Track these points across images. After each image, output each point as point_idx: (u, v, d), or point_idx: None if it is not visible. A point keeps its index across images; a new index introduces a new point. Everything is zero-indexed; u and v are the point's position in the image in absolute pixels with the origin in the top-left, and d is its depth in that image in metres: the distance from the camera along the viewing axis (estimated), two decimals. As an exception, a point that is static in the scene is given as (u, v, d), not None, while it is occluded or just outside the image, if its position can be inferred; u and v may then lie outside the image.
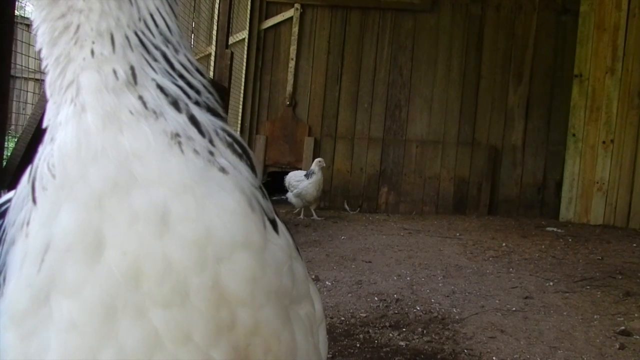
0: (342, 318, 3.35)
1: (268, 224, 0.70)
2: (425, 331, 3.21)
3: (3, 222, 0.71)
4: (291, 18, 8.10)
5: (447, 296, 3.89)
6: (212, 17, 6.84)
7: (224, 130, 0.71)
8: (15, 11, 2.47)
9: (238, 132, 8.52)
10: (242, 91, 8.15)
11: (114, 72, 0.64)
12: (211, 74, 6.60)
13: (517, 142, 7.96)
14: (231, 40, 7.19)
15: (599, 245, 5.85)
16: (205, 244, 0.61)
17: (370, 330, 3.20)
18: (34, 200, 0.63)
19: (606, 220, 7.36)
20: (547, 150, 7.89)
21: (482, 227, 6.76)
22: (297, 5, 8.06)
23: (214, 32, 6.66)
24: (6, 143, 2.65)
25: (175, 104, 0.66)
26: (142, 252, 0.59)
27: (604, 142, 7.44)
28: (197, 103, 0.69)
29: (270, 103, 8.26)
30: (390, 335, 3.14)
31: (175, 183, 0.61)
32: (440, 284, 4.18)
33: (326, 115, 8.15)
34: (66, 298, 0.59)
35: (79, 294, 0.59)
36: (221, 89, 6.24)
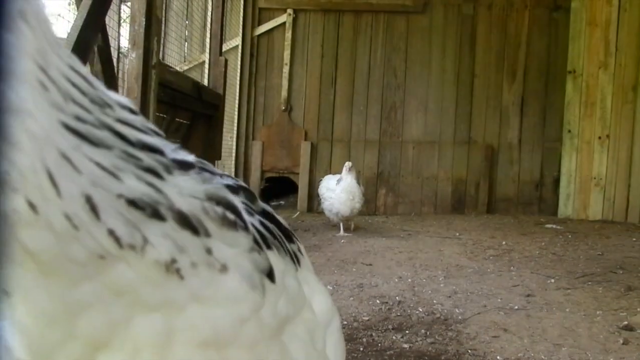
0: (345, 322, 3.34)
1: (266, 281, 0.66)
2: (428, 332, 3.20)
3: None
4: (284, 23, 8.11)
5: (449, 297, 3.88)
6: (205, 25, 6.84)
7: (209, 197, 0.58)
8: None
9: (234, 140, 8.52)
10: (237, 98, 8.15)
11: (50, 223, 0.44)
12: (205, 81, 6.60)
13: (513, 140, 7.97)
14: (225, 48, 7.20)
15: (599, 240, 5.85)
16: (211, 343, 0.58)
17: (374, 334, 3.18)
18: None
19: (605, 216, 7.37)
20: (544, 147, 7.90)
21: (481, 226, 6.75)
22: (289, 11, 8.07)
23: (207, 40, 6.66)
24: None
25: (155, 213, 0.51)
26: None
27: (599, 138, 7.45)
28: (167, 170, 0.54)
29: (266, 108, 8.26)
30: (394, 337, 3.13)
31: (179, 309, 0.56)
32: (441, 285, 4.17)
33: (322, 119, 8.15)
34: None
35: None
36: (216, 96, 6.24)
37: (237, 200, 0.64)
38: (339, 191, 5.92)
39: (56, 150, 0.44)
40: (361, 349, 3.00)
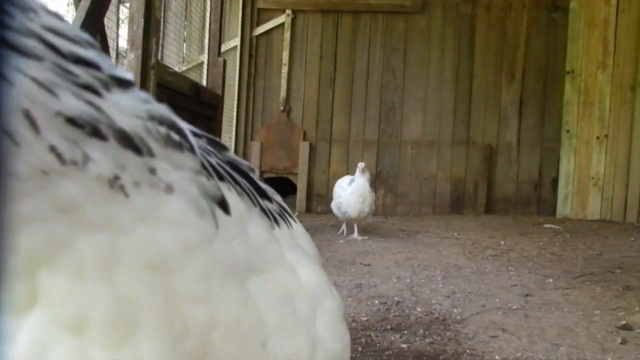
0: (343, 322, 3.35)
1: (218, 211, 0.62)
2: (426, 333, 3.21)
3: None
4: (283, 24, 8.12)
5: (448, 297, 3.89)
6: (204, 25, 6.85)
7: (151, 116, 0.56)
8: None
9: (233, 140, 8.54)
10: (235, 98, 8.16)
11: None
12: (204, 82, 6.60)
13: (511, 140, 7.98)
14: (223, 48, 7.20)
15: (597, 240, 5.86)
16: (157, 266, 0.56)
17: (372, 334, 3.19)
18: None
19: (603, 215, 7.38)
20: (542, 147, 7.91)
21: (480, 226, 6.76)
22: (288, 11, 8.07)
23: (206, 41, 6.66)
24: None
25: (95, 131, 0.50)
26: (88, 300, 0.53)
27: (598, 138, 7.46)
28: (106, 87, 0.52)
29: (265, 109, 8.26)
30: (392, 338, 3.14)
31: (124, 229, 0.54)
32: (440, 285, 4.18)
33: (321, 120, 8.16)
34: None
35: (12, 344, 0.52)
36: (215, 97, 6.24)
37: (185, 125, 0.61)
38: (349, 192, 5.78)
39: None
40: (360, 349, 3.00)
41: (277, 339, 0.65)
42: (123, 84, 0.54)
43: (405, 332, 3.23)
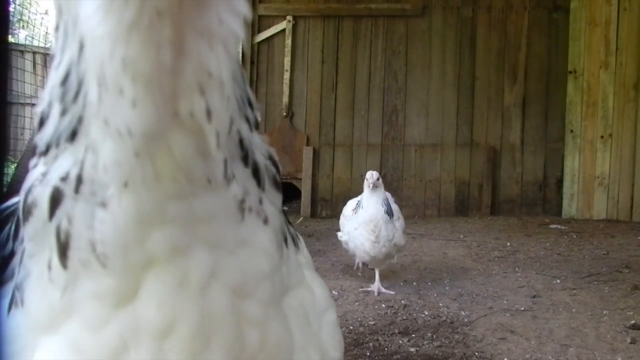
0: (351, 327, 3.34)
1: (283, 245, 0.70)
2: (434, 336, 3.19)
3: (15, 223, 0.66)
4: (284, 30, 8.13)
5: (455, 299, 3.87)
6: (205, 33, 6.87)
7: (269, 156, 0.67)
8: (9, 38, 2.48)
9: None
10: (238, 105, 8.17)
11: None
12: (207, 89, 6.62)
13: (515, 141, 7.96)
14: (225, 55, 7.21)
15: (604, 240, 5.83)
16: (239, 290, 0.61)
17: (380, 338, 3.18)
18: (64, 266, 0.58)
19: (609, 215, 7.35)
20: (546, 148, 7.89)
21: (485, 228, 6.74)
22: (289, 17, 8.09)
23: (208, 48, 6.69)
24: (5, 169, 2.66)
25: (245, 157, 0.61)
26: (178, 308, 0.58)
27: (602, 137, 7.44)
28: (249, 126, 0.63)
29: (267, 115, 8.27)
30: (400, 342, 3.13)
31: (229, 250, 0.61)
32: (447, 288, 4.17)
33: (323, 124, 8.16)
34: (82, 329, 0.58)
35: (97, 332, 0.58)
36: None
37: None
38: (353, 225, 3.97)
39: (236, 106, 0.58)
40: (368, 353, 3.00)
41: (300, 357, 0.71)
42: (256, 124, 0.65)
43: (413, 335, 3.21)
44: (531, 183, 7.93)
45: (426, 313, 3.60)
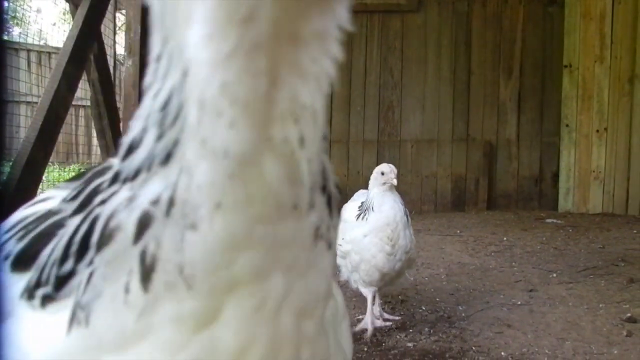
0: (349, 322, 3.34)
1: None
2: (432, 331, 3.21)
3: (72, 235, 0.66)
4: (279, 26, 8.13)
5: (452, 294, 3.89)
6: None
7: (337, 186, 0.69)
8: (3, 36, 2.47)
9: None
10: (234, 102, 8.16)
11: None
12: (202, 86, 6.61)
13: (511, 136, 7.98)
14: (220, 52, 7.20)
15: (600, 233, 5.86)
16: (303, 312, 0.64)
17: (377, 333, 3.19)
18: (145, 289, 0.59)
19: (605, 209, 7.38)
20: (542, 142, 7.91)
21: (482, 222, 6.76)
22: (284, 13, 8.08)
23: (203, 45, 6.67)
24: (2, 168, 2.64)
25: (324, 186, 0.63)
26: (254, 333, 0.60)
27: (597, 131, 7.46)
28: (327, 155, 0.66)
29: (263, 112, 8.27)
30: (398, 337, 3.14)
31: (301, 274, 0.63)
32: (444, 283, 4.18)
33: (320, 121, 8.15)
34: (157, 352, 0.60)
35: (173, 355, 0.60)
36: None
37: None
38: (361, 232, 3.19)
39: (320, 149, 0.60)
40: (365, 348, 3.01)
41: None
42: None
43: (411, 330, 3.23)
44: (527, 177, 7.95)
45: (423, 308, 3.61)
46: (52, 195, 0.82)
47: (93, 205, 0.65)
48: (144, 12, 4.12)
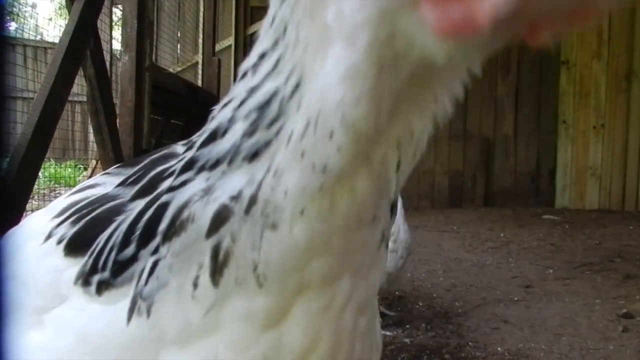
0: (345, 318, 3.35)
1: None
2: (429, 326, 3.21)
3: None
4: (276, 22, 8.11)
5: (449, 290, 3.89)
6: (197, 25, 6.83)
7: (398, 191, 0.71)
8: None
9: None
10: (231, 98, 8.14)
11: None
12: (199, 82, 6.59)
13: (508, 133, 7.98)
14: (218, 48, 7.19)
15: (596, 230, 5.87)
16: (361, 308, 0.66)
17: (374, 329, 3.19)
18: (215, 284, 0.60)
19: (601, 205, 7.39)
20: (539, 139, 7.92)
21: (479, 219, 6.77)
22: (281, 9, 8.06)
23: (200, 41, 6.65)
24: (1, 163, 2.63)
25: (387, 194, 0.65)
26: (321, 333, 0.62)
27: (594, 127, 7.47)
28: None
29: (261, 108, 8.26)
30: (395, 333, 3.14)
31: (364, 276, 0.64)
32: (441, 279, 4.19)
33: (317, 117, 8.15)
34: (226, 348, 0.61)
35: (242, 353, 0.61)
36: (211, 97, 6.23)
37: None
38: None
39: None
40: (362, 344, 3.00)
41: (376, 358, 0.77)
42: None
43: (408, 326, 3.23)
44: (524, 174, 7.96)
45: (420, 304, 3.62)
46: (101, 182, 0.80)
47: (159, 191, 0.64)
48: (141, 7, 4.10)
